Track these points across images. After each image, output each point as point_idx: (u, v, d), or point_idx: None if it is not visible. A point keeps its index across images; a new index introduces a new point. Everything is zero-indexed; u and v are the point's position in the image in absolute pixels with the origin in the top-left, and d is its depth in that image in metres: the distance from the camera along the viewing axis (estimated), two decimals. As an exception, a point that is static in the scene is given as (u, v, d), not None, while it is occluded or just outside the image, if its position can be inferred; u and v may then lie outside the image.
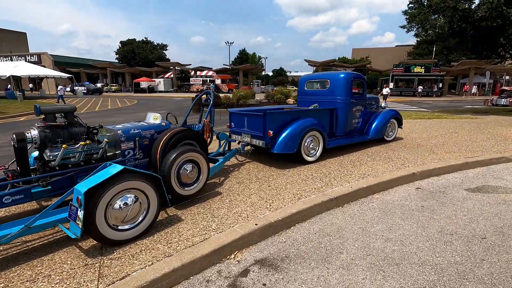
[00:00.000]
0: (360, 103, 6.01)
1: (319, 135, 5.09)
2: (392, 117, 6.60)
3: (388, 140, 6.66)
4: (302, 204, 3.33)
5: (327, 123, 5.54)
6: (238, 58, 56.30)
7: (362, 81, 6.08)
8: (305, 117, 5.08)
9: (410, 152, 5.70)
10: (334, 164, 4.95)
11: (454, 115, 12.51)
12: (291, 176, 4.37)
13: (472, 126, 9.01)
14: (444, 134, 7.65)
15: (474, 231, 2.95)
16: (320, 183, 4.02)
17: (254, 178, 4.28)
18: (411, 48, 52.81)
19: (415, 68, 34.61)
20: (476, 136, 7.27)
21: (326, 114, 5.51)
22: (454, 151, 5.74)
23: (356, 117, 5.98)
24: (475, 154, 5.51)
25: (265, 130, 4.62)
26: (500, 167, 5.12)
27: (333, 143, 5.48)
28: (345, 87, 5.64)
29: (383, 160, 5.18)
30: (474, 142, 6.55)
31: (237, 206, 3.32)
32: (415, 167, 4.71)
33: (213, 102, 4.32)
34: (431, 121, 10.09)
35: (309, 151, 5.01)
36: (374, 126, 6.31)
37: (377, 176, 4.31)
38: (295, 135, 4.71)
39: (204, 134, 4.10)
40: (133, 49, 53.02)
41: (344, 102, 5.66)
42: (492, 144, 6.40)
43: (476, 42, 13.02)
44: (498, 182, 4.36)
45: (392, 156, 5.40)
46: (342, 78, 5.66)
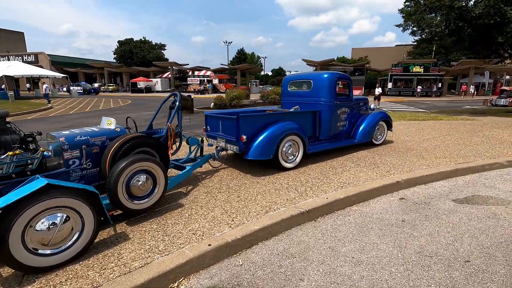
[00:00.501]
0: (346, 105, 5.67)
1: (299, 140, 4.75)
2: (381, 120, 6.26)
3: (376, 143, 6.32)
4: (268, 219, 2.99)
5: (309, 127, 5.20)
6: (236, 57, 55.94)
7: (348, 81, 5.74)
8: (284, 120, 4.74)
9: (398, 157, 5.35)
10: (314, 171, 4.61)
11: (450, 116, 12.16)
12: (265, 185, 4.03)
13: (467, 128, 8.66)
14: (437, 136, 7.30)
15: (457, 252, 2.61)
16: (294, 194, 3.69)
17: (225, 188, 3.95)
18: (411, 47, 52.44)
19: (414, 68, 34.22)
20: (470, 139, 6.92)
21: (308, 117, 5.17)
22: (445, 156, 5.40)
23: (341, 119, 5.64)
24: (467, 160, 5.16)
25: (239, 134, 4.28)
26: (493, 174, 4.78)
27: (316, 148, 5.14)
28: (329, 88, 5.30)
29: (368, 166, 4.84)
30: (467, 146, 6.21)
31: (196, 221, 2.98)
32: (401, 175, 4.37)
33: (179, 105, 3.98)
34: (425, 123, 9.74)
35: (288, 157, 4.67)
36: (361, 129, 5.97)
37: (358, 185, 3.97)
38: (271, 140, 4.38)
39: (168, 140, 3.77)
40: (130, 48, 52.70)
41: (327, 104, 5.32)
42: (486, 148, 6.05)
43: (473, 41, 12.66)
44: (489, 192, 4.02)
45: (378, 162, 5.06)
46: (326, 78, 5.32)
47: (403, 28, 14.08)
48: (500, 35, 11.45)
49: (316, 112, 5.23)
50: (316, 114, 5.23)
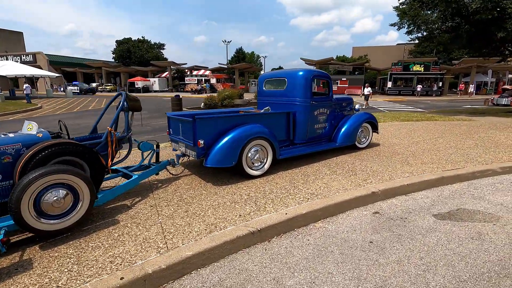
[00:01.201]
0: (325, 105, 5.19)
1: (267, 145, 4.28)
2: (365, 121, 5.77)
3: (360, 147, 5.83)
4: (209, 242, 2.53)
5: (281, 130, 4.73)
6: (235, 57, 55.44)
7: (327, 80, 5.25)
8: (251, 122, 4.27)
9: (381, 163, 4.87)
10: (283, 179, 4.14)
11: (447, 116, 11.62)
12: (223, 196, 3.57)
13: (463, 129, 8.14)
14: (428, 139, 6.80)
15: (427, 287, 2.13)
16: (251, 208, 3.22)
17: (176, 199, 3.49)
18: (412, 46, 51.68)
19: (414, 67, 33.57)
20: (463, 142, 6.41)
21: (280, 119, 4.69)
22: (432, 162, 4.90)
23: (319, 121, 5.15)
24: (456, 166, 4.67)
25: (195, 139, 3.82)
26: (484, 182, 4.28)
27: (290, 153, 4.67)
28: (304, 87, 4.82)
29: (345, 173, 4.36)
30: (459, 150, 5.70)
31: (122, 244, 2.52)
32: (379, 184, 3.89)
33: (122, 106, 3.53)
34: (419, 124, 9.22)
35: (254, 163, 4.20)
36: (343, 131, 5.48)
37: (328, 196, 3.50)
38: (233, 145, 3.91)
39: (109, 146, 3.31)
40: (128, 48, 52.37)
41: (302, 105, 4.85)
42: (479, 152, 5.55)
43: (472, 38, 12.10)
44: (477, 205, 3.52)
45: (357, 168, 4.58)
46: (300, 76, 4.84)
47: (398, 26, 13.53)
48: (499, 31, 10.89)
49: (290, 114, 4.76)
50: (289, 115, 4.76)
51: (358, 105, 6.21)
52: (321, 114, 5.14)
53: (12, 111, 15.33)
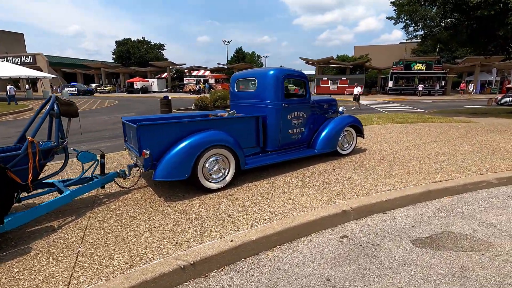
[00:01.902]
0: (301, 108, 4.67)
1: (229, 154, 3.78)
2: (348, 125, 5.24)
3: (343, 153, 5.30)
4: (121, 283, 2.04)
5: (249, 136, 4.23)
6: (235, 57, 54.96)
7: (302, 80, 4.74)
8: (211, 129, 3.78)
9: (362, 173, 4.34)
10: (246, 193, 3.64)
11: (446, 117, 11.01)
12: (168, 216, 3.08)
13: (460, 132, 7.56)
14: (420, 144, 6.25)
15: None
16: (194, 232, 2.73)
17: (113, 220, 3.00)
18: (415, 45, 50.78)
19: (415, 66, 32.85)
20: (458, 147, 5.85)
21: (249, 124, 4.19)
22: (420, 171, 4.37)
23: (295, 126, 4.64)
24: (446, 176, 4.13)
25: (140, 149, 3.33)
26: (477, 196, 3.74)
27: (259, 162, 4.17)
28: (275, 88, 4.32)
29: (318, 185, 3.85)
30: (452, 157, 5.15)
31: (15, 285, 2.04)
32: (353, 199, 3.37)
33: (48, 111, 3.05)
34: (413, 126, 8.65)
35: (212, 175, 3.70)
36: (322, 137, 4.97)
37: (289, 216, 2.99)
38: (185, 156, 3.42)
39: (30, 159, 2.83)
40: (128, 49, 52.16)
41: (273, 108, 4.34)
42: (474, 159, 4.99)
43: (473, 34, 11.48)
44: (465, 226, 2.99)
45: (332, 180, 4.06)
46: (271, 76, 4.33)
47: (394, 21, 12.93)
48: (502, 27, 10.28)
49: (259, 118, 4.25)
50: (258, 120, 4.25)
51: (342, 107, 5.69)
52: (296, 118, 4.62)
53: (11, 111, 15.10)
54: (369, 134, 7.33)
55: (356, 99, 17.30)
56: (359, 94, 17.31)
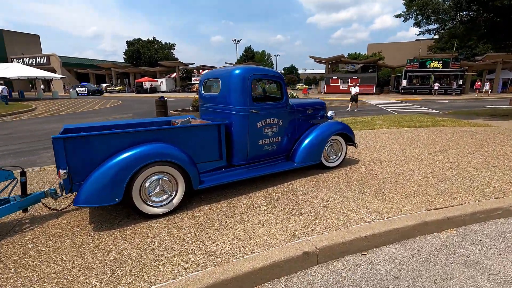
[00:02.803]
0: (275, 114, 3.94)
1: (176, 172, 3.11)
2: (335, 133, 4.46)
3: (328, 166, 4.54)
4: None
5: (210, 148, 3.54)
6: (244, 56, 54.32)
7: (277, 80, 4.00)
8: (161, 140, 3.13)
9: (345, 193, 3.58)
10: (194, 221, 2.96)
11: (461, 120, 9.95)
12: (83, 254, 2.44)
13: (474, 139, 6.60)
14: (425, 153, 5.38)
15: None
16: (98, 283, 2.07)
17: (14, 258, 2.40)
18: (432, 42, 48.55)
19: (431, 63, 31.20)
20: (470, 159, 4.95)
21: (208, 134, 3.50)
22: (418, 192, 3.56)
23: (267, 135, 3.92)
24: (451, 200, 3.31)
25: (57, 167, 2.71)
26: (489, 230, 2.91)
27: (216, 180, 3.47)
28: (241, 91, 3.61)
29: (286, 211, 3.12)
30: (461, 172, 4.29)
31: None
32: (324, 234, 2.63)
33: None
34: (421, 131, 7.72)
35: (153, 197, 3.04)
36: (303, 148, 4.22)
37: (232, 260, 2.29)
38: (115, 175, 2.77)
39: None
40: (138, 48, 52.48)
41: (239, 114, 3.64)
42: (489, 175, 4.12)
43: (493, 28, 10.33)
44: (469, 281, 2.20)
45: (307, 203, 3.32)
46: (235, 76, 3.63)
47: (404, 18, 11.89)
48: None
49: (220, 126, 3.56)
50: (219, 129, 3.56)
51: (331, 112, 4.91)
52: (269, 126, 3.90)
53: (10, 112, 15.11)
54: (368, 141, 6.50)
55: (354, 100, 15.64)
56: (356, 94, 15.61)
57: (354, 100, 15.56)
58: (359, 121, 9.71)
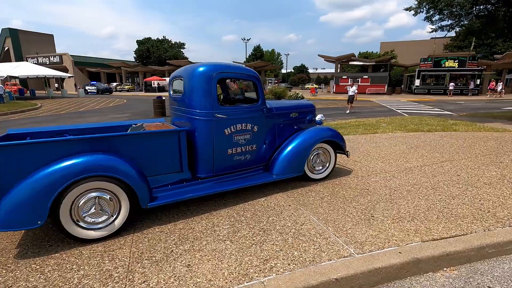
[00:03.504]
0: (248, 119, 3.41)
1: (117, 188, 2.62)
2: (321, 141, 3.89)
3: (314, 179, 3.97)
4: None
5: (168, 158, 3.04)
6: (252, 55, 53.77)
7: (250, 79, 3.46)
8: (103, 150, 2.65)
9: (325, 214, 3.01)
10: (136, 247, 2.47)
11: (476, 123, 9.11)
12: (-18, 291, 1.98)
13: (489, 146, 5.86)
14: (429, 163, 4.72)
15: None
16: None
17: None
18: (448, 40, 46.60)
19: (446, 62, 29.81)
20: (482, 172, 4.28)
21: (163, 142, 3.00)
22: (414, 215, 2.95)
23: (239, 143, 3.39)
24: (453, 228, 2.69)
25: (-35, 184, 2.27)
26: (500, 271, 2.29)
27: (174, 196, 2.97)
28: (204, 92, 3.10)
29: (248, 238, 2.60)
30: (470, 188, 3.63)
31: None
32: (284, 276, 2.09)
33: None
34: (429, 136, 7.00)
35: (87, 218, 2.56)
36: (282, 157, 3.68)
37: (156, 310, 1.78)
38: (37, 194, 2.31)
39: None
40: (148, 48, 52.77)
41: (201, 119, 3.13)
42: (504, 194, 3.46)
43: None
44: None
45: (275, 227, 2.78)
46: (197, 75, 3.12)
47: (414, 11, 11.06)
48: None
49: (179, 134, 3.05)
50: (179, 136, 3.05)
51: (320, 116, 4.33)
52: (240, 132, 3.37)
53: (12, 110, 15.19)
54: (367, 147, 5.87)
55: (350, 101, 14.65)
56: (354, 95, 14.64)
57: (350, 101, 14.63)
58: (362, 123, 9.03)
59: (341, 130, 7.82)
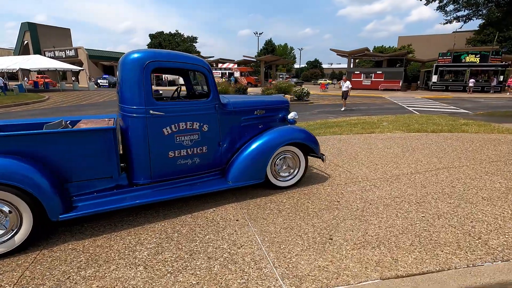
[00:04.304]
0: (195, 116, 2.92)
1: (17, 199, 2.20)
2: (286, 143, 3.34)
3: (280, 186, 3.44)
4: None
5: (93, 162, 2.61)
6: (264, 49, 52.87)
7: (196, 70, 2.96)
8: (9, 152, 2.25)
9: (275, 234, 2.50)
10: (31, 271, 2.06)
11: (491, 123, 8.21)
12: None
13: (499, 151, 5.10)
14: (422, 171, 4.08)
15: None
16: None
17: None
18: (472, 34, 43.92)
19: (466, 57, 28.04)
20: (483, 183, 3.61)
21: (86, 143, 2.55)
22: (381, 240, 2.39)
23: (184, 144, 2.91)
24: (428, 260, 2.12)
25: None
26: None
27: (97, 206, 2.54)
28: (133, 84, 2.64)
29: (170, 262, 2.13)
30: (463, 204, 3.01)
31: None
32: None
33: None
34: (432, 138, 6.27)
35: (-23, 235, 2.16)
36: (239, 161, 3.17)
37: None
38: None
39: None
40: (160, 42, 52.97)
41: (133, 117, 2.67)
42: (505, 214, 2.82)
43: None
44: None
45: (207, 249, 2.29)
46: (127, 63, 2.65)
47: (426, 0, 10.12)
48: None
49: (106, 133, 2.60)
50: (106, 136, 2.60)
51: (293, 113, 3.78)
52: (185, 132, 2.88)
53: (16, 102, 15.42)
54: (356, 149, 5.25)
55: (344, 97, 13.60)
56: (348, 91, 13.39)
57: (344, 97, 13.60)
58: (361, 122, 8.34)
59: (336, 129, 7.20)
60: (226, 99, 3.28)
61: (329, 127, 7.57)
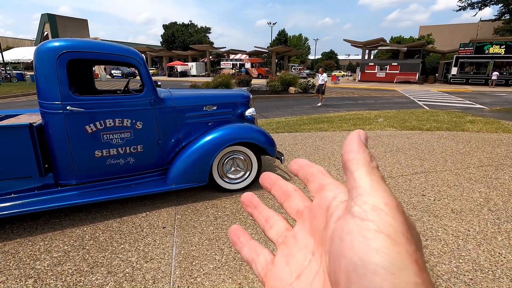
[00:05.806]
0: (125, 112, 2.68)
1: None
2: (232, 142, 3.04)
3: (229, 189, 3.17)
4: None
5: (13, 161, 2.44)
6: (277, 39, 51.77)
7: (124, 61, 2.70)
8: None
9: (197, 246, 2.24)
10: None
11: (500, 121, 7.51)
12: None
13: (495, 154, 4.56)
14: (397, 175, 3.67)
15: None
16: None
17: None
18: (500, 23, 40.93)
19: (490, 48, 26.22)
20: (459, 192, 3.18)
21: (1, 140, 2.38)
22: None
23: (114, 143, 2.68)
24: None
25: None
26: None
27: (14, 208, 2.37)
28: (47, 76, 2.41)
29: (65, 275, 1.94)
30: (424, 218, 2.62)
31: None
32: None
33: None
34: (425, 136, 5.75)
35: None
36: (180, 162, 2.92)
37: None
38: None
39: None
40: (173, 32, 53.00)
41: (49, 113, 2.45)
42: (466, 234, 2.43)
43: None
44: None
45: (116, 258, 2.08)
46: (39, 53, 2.41)
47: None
48: None
49: (22, 130, 2.41)
50: (24, 134, 2.41)
51: (251, 110, 3.46)
52: (114, 130, 2.65)
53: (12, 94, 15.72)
54: (336, 147, 4.87)
55: (320, 91, 11.78)
56: (324, 84, 11.58)
57: (320, 91, 11.79)
58: (354, 117, 7.85)
59: (324, 125, 6.79)
60: (169, 93, 3.02)
61: (319, 122, 7.16)
